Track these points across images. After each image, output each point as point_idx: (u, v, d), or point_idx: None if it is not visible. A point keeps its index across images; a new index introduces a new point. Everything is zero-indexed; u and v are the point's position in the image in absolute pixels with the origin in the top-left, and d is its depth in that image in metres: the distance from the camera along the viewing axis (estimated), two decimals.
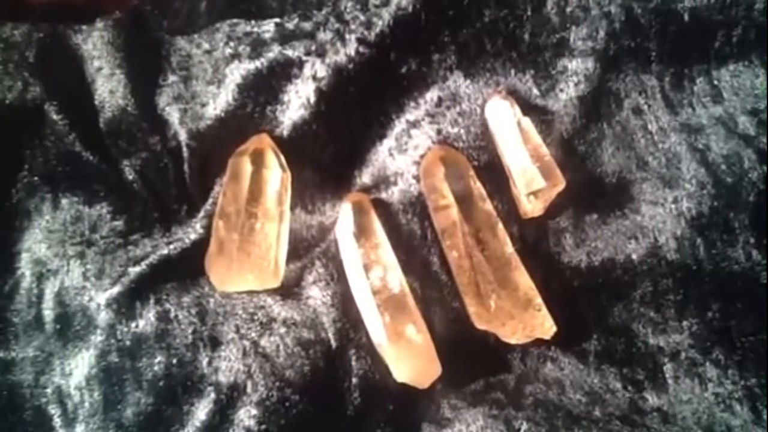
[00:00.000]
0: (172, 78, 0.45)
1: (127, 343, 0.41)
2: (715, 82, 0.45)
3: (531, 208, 0.43)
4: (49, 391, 0.41)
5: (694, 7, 0.44)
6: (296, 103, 0.44)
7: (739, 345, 0.41)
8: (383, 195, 0.44)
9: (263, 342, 0.40)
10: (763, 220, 0.42)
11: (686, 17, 0.44)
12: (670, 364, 0.42)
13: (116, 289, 0.41)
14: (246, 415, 0.39)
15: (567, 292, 0.43)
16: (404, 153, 0.45)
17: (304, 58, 0.44)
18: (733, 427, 0.40)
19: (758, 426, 0.40)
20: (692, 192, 0.43)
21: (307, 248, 0.44)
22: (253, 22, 0.46)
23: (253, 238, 0.42)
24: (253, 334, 0.41)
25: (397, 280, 0.41)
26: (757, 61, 0.45)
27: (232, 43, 0.45)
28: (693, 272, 0.42)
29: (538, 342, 0.42)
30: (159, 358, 0.40)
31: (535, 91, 0.45)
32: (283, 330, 0.41)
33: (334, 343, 0.41)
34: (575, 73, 0.44)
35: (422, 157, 0.44)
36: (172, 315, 0.41)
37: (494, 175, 0.44)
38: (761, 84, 0.44)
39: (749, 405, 0.40)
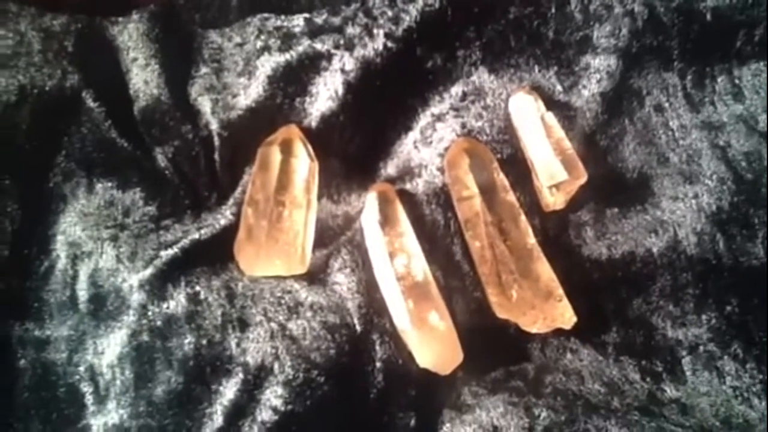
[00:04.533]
0: (204, 69, 0.46)
1: (158, 323, 0.41)
2: (737, 81, 0.45)
3: (553, 200, 0.43)
4: (82, 369, 0.42)
5: (717, 7, 0.44)
6: (324, 95, 0.45)
7: (758, 339, 0.42)
8: (408, 186, 0.45)
9: (290, 325, 0.41)
10: None
11: (708, 16, 0.44)
12: (688, 357, 0.42)
13: (148, 272, 0.42)
14: (273, 395, 0.40)
15: (587, 284, 0.43)
16: (429, 145, 0.45)
17: (333, 51, 0.45)
18: (750, 420, 0.40)
19: None
20: (712, 188, 0.43)
21: (333, 236, 0.45)
22: (283, 16, 0.47)
23: (281, 225, 0.42)
24: (281, 318, 0.41)
25: (420, 267, 0.42)
26: None
27: (262, 37, 0.46)
28: (712, 267, 0.42)
29: (558, 332, 0.42)
30: (189, 339, 0.41)
31: (559, 87, 0.46)
32: (309, 314, 0.41)
33: (358, 328, 0.42)
34: (598, 70, 0.45)
35: (446, 149, 0.45)
36: (202, 297, 0.42)
37: (517, 168, 0.45)
38: None
39: (767, 398, 0.41)
